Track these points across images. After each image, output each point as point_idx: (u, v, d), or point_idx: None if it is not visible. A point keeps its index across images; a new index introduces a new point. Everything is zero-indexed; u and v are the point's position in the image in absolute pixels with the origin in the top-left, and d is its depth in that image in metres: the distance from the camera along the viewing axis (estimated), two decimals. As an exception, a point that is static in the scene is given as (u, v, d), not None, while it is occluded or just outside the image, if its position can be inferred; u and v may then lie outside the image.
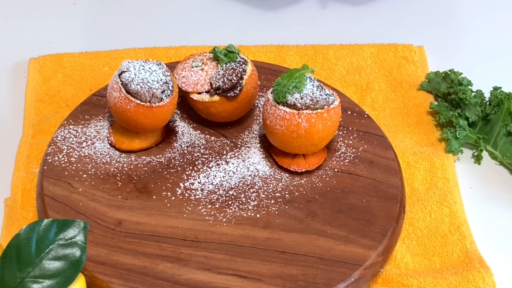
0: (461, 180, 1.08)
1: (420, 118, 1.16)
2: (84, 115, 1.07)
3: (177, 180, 1.01)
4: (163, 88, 1.00)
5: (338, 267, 0.92)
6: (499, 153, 1.11)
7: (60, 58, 1.21)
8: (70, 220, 0.85)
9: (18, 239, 0.83)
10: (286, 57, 1.22)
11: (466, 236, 1.01)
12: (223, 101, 1.03)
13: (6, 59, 1.22)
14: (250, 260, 0.93)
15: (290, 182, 1.01)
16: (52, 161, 1.02)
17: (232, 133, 1.07)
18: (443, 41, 1.29)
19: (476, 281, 0.96)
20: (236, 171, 1.02)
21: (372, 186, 1.01)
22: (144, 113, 0.99)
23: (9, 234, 1.00)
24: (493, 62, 1.25)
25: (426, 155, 1.09)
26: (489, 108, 1.12)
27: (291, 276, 0.91)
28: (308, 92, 0.98)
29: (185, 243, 0.94)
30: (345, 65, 1.22)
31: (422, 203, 1.05)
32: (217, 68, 1.04)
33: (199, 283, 0.91)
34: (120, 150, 1.04)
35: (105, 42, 1.25)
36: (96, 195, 0.98)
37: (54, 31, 1.27)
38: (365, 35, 1.27)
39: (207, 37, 1.26)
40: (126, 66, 1.01)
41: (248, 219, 0.97)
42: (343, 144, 1.05)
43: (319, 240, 0.95)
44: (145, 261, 0.92)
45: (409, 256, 1.00)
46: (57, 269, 0.83)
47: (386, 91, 1.19)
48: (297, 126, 0.98)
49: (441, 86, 1.17)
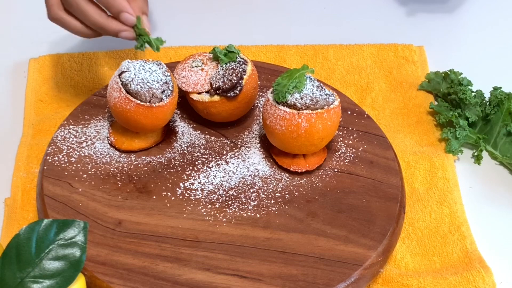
0: (461, 180, 1.08)
1: (420, 118, 1.16)
2: (84, 115, 1.07)
3: (177, 180, 1.01)
4: (163, 88, 1.00)
5: (338, 267, 0.92)
6: (499, 153, 1.11)
7: (60, 58, 1.21)
8: (70, 220, 0.85)
9: (18, 239, 0.83)
10: (286, 57, 1.22)
11: (466, 236, 1.01)
12: (223, 101, 1.03)
13: (6, 59, 1.22)
14: (250, 260, 0.93)
15: (290, 182, 1.01)
16: (52, 161, 1.02)
17: (232, 133, 1.07)
18: (443, 41, 1.29)
19: (476, 281, 0.96)
20: (236, 171, 1.02)
21: (372, 186, 1.01)
22: (144, 113, 0.99)
23: (9, 234, 1.00)
24: (493, 62, 1.25)
25: (426, 155, 1.09)
26: (489, 108, 1.12)
27: (291, 276, 0.91)
28: (308, 92, 0.98)
29: (185, 243, 0.94)
30: (345, 65, 1.22)
31: (422, 203, 1.05)
32: (217, 68, 1.04)
33: (199, 283, 0.91)
34: (120, 150, 1.04)
35: (105, 42, 1.25)
36: (96, 195, 0.99)
37: (54, 31, 1.26)
38: (365, 35, 1.27)
39: (207, 37, 1.26)
40: (126, 66, 1.01)
41: (248, 219, 0.97)
42: (343, 144, 1.05)
43: (319, 240, 0.95)
44: (145, 261, 0.92)
45: (409, 256, 1.00)
46: (57, 269, 0.83)
47: (386, 91, 1.19)
48: (297, 126, 0.98)
49: (441, 86, 1.17)
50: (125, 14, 0.99)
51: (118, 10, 0.99)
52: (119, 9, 0.99)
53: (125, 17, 1.00)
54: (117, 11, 1.00)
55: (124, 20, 1.00)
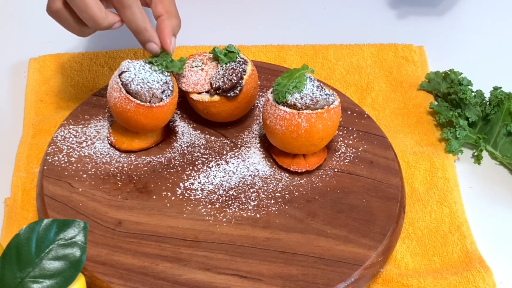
0: (461, 180, 1.08)
1: (420, 118, 1.16)
2: (84, 115, 1.07)
3: (177, 180, 1.01)
4: (163, 88, 1.00)
5: (338, 267, 0.92)
6: (499, 153, 1.11)
7: (60, 58, 1.21)
8: (70, 220, 0.85)
9: (18, 239, 0.84)
10: (286, 57, 1.22)
11: (466, 236, 1.01)
12: (223, 101, 1.03)
13: (6, 59, 1.22)
14: (250, 260, 0.93)
15: (290, 182, 1.01)
16: (52, 161, 1.02)
17: (232, 133, 1.07)
18: (443, 41, 1.29)
19: (476, 281, 0.96)
20: (236, 171, 1.02)
21: (372, 186, 1.01)
22: (144, 113, 0.99)
23: (9, 234, 1.00)
24: (493, 62, 1.25)
25: (426, 155, 1.09)
26: (489, 108, 1.12)
27: (291, 276, 0.92)
28: (308, 92, 0.98)
29: (185, 243, 0.94)
30: (345, 65, 1.22)
31: (422, 203, 1.05)
32: (217, 68, 1.04)
33: (199, 283, 0.91)
34: (120, 150, 1.04)
35: (105, 42, 1.25)
36: (96, 195, 0.99)
37: (54, 31, 1.26)
38: (365, 35, 1.27)
39: (207, 37, 1.26)
40: (126, 66, 1.01)
41: (248, 219, 0.97)
42: (343, 144, 1.05)
43: (319, 240, 0.95)
44: (145, 261, 0.92)
45: (409, 256, 1.00)
46: (57, 269, 0.83)
47: (386, 91, 1.19)
48: (297, 126, 0.98)
49: (441, 86, 1.17)
50: (151, 44, 1.00)
51: (147, 40, 1.00)
52: (148, 39, 1.00)
53: (151, 47, 1.01)
54: (145, 41, 1.00)
55: (148, 49, 1.01)
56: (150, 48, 1.00)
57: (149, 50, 1.01)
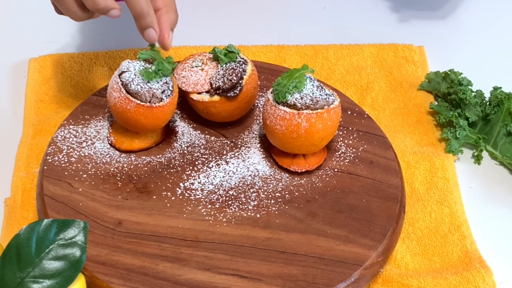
0: (461, 180, 1.08)
1: (420, 118, 1.16)
2: (84, 115, 1.07)
3: (177, 180, 1.01)
4: (163, 88, 1.00)
5: (338, 267, 0.92)
6: (499, 153, 1.11)
7: (60, 58, 1.21)
8: (70, 220, 0.85)
9: (18, 239, 0.84)
10: (286, 57, 1.22)
11: (466, 236, 1.01)
12: (223, 101, 1.03)
13: (6, 59, 1.22)
14: (250, 260, 0.93)
15: (290, 182, 1.01)
16: (52, 161, 1.02)
17: (232, 133, 1.07)
18: (443, 41, 1.29)
19: (476, 281, 0.96)
20: (236, 171, 1.02)
21: (372, 186, 1.01)
22: (144, 113, 0.99)
23: (9, 234, 1.00)
24: (493, 62, 1.25)
25: (426, 155, 1.09)
26: (489, 108, 1.12)
27: (291, 276, 0.92)
28: (308, 92, 0.98)
29: (185, 243, 0.94)
30: (345, 65, 1.22)
31: (422, 203, 1.05)
32: (217, 68, 1.04)
33: (199, 283, 0.91)
34: (120, 150, 1.04)
35: (105, 42, 1.25)
36: (96, 195, 0.99)
37: (54, 31, 1.27)
38: (365, 35, 1.27)
39: (207, 37, 1.26)
40: (126, 66, 1.01)
41: (248, 219, 0.97)
42: (343, 144, 1.05)
43: (319, 240, 0.95)
44: (145, 261, 0.92)
45: (409, 256, 1.00)
46: (57, 269, 0.83)
47: (386, 91, 1.19)
48: (297, 126, 0.98)
49: (441, 86, 1.17)
50: (150, 31, 1.00)
51: (147, 25, 0.99)
52: (148, 25, 0.99)
53: (150, 33, 1.00)
54: (145, 26, 0.99)
55: (147, 36, 1.00)
56: (149, 34, 1.00)
57: (147, 36, 1.00)
